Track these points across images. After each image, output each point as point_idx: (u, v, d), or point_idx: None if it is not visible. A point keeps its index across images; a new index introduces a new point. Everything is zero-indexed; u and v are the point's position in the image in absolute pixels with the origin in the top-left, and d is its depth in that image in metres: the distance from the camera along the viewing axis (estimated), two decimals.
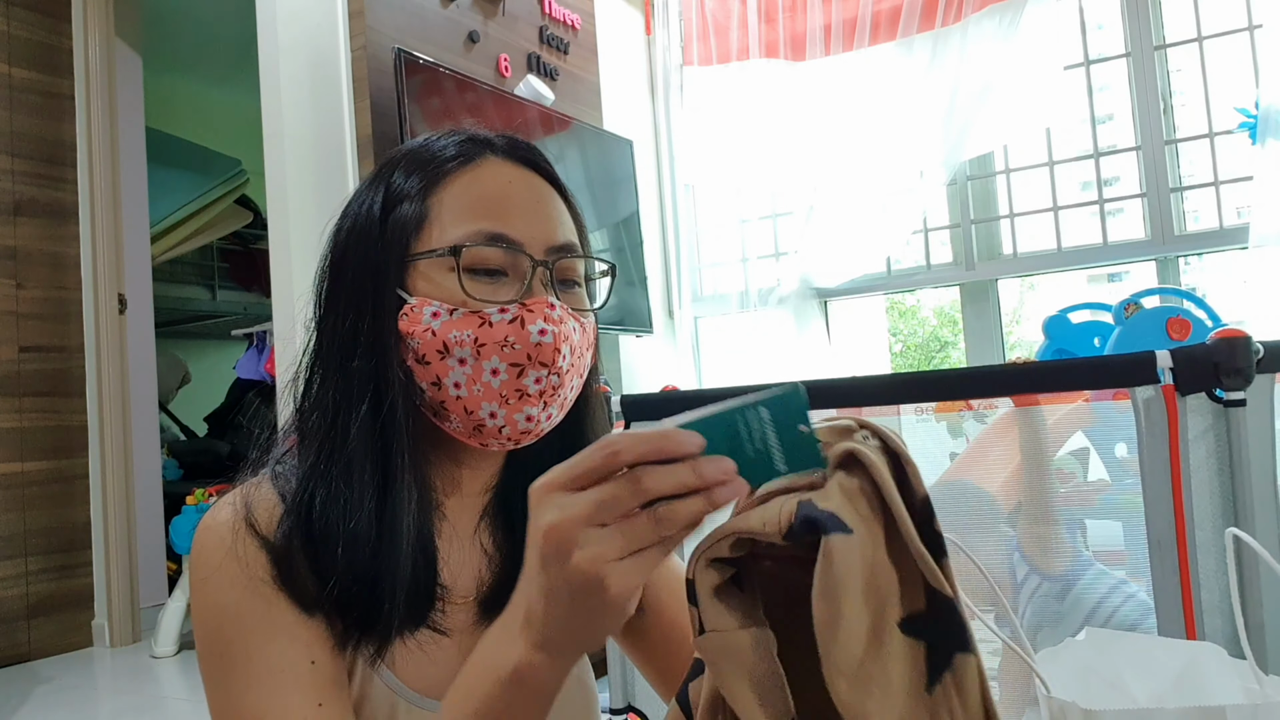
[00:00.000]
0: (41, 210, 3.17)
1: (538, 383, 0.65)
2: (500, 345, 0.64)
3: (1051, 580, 1.86)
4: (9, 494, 2.99)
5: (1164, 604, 1.44)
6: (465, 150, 0.70)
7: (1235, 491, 1.43)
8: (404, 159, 0.71)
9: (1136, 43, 3.12)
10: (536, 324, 0.64)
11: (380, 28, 2.58)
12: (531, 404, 0.66)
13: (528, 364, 0.64)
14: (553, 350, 0.65)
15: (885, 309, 5.25)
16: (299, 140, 2.51)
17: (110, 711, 2.55)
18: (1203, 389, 1.45)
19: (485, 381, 0.65)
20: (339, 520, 0.62)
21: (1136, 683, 0.67)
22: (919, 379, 2.02)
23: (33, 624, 3.00)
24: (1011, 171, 3.34)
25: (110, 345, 3.18)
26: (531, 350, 0.64)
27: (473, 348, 0.64)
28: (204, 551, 0.64)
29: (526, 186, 0.70)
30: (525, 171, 0.70)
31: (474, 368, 0.65)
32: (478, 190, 0.68)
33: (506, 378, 0.65)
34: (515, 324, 0.64)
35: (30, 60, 3.17)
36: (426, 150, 0.71)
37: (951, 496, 1.89)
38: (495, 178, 0.69)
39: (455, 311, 0.65)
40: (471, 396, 0.65)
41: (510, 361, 0.64)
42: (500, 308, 0.65)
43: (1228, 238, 2.97)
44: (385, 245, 0.67)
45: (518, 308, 0.65)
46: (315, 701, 0.60)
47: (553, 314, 0.65)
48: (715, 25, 3.68)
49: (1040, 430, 1.86)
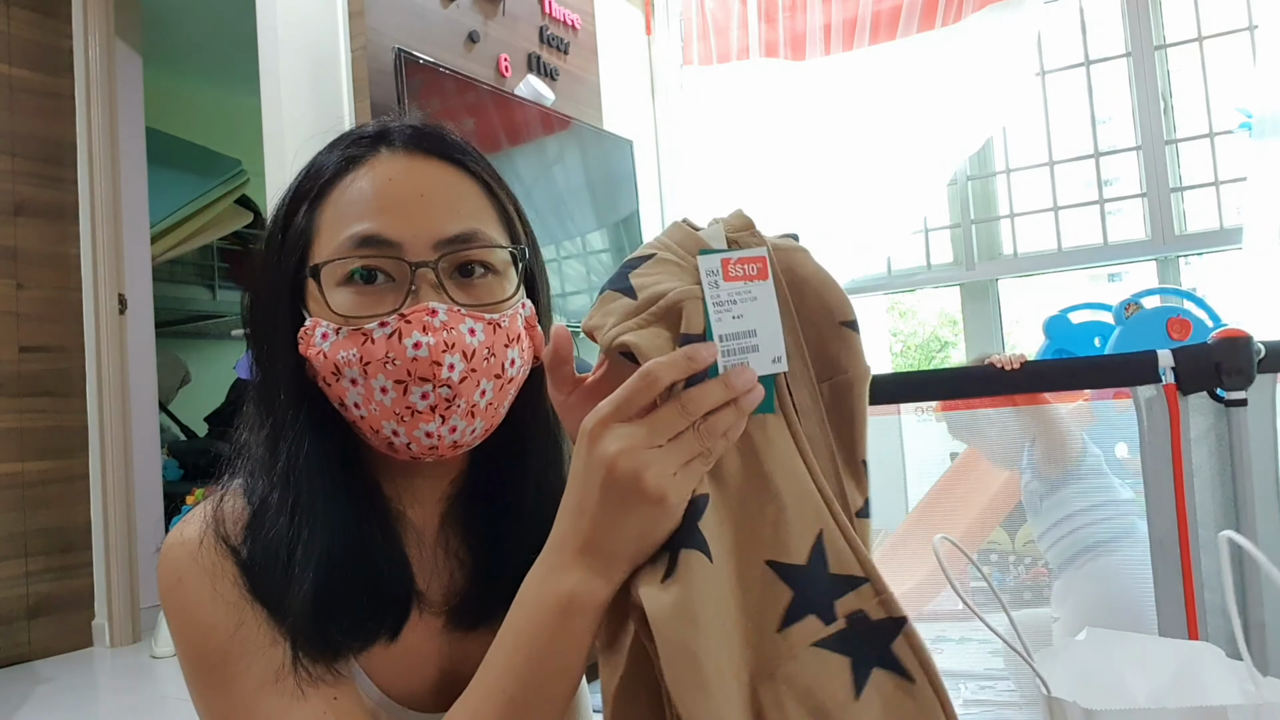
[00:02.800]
0: (42, 210, 3.17)
1: (424, 398, 0.61)
2: (383, 362, 0.61)
3: (1042, 481, 1.92)
4: (9, 494, 2.99)
5: (1166, 604, 1.43)
6: (354, 152, 0.66)
7: (1237, 491, 1.43)
8: (309, 166, 0.68)
9: (1136, 43, 3.12)
10: (412, 336, 0.60)
11: (380, 28, 2.58)
12: (426, 420, 0.62)
13: (409, 380, 0.61)
14: (430, 364, 0.60)
15: (885, 309, 5.25)
16: (299, 140, 2.50)
17: (110, 711, 2.55)
18: (1204, 389, 1.45)
19: (379, 401, 0.62)
20: (298, 536, 0.62)
21: (1136, 682, 0.67)
22: (919, 379, 2.02)
23: (33, 624, 3.00)
24: (1012, 171, 3.34)
25: (110, 345, 3.18)
26: (410, 365, 0.60)
27: (359, 367, 0.61)
28: (174, 570, 0.63)
29: (411, 177, 0.64)
30: (417, 160, 0.65)
31: (365, 387, 0.62)
32: (353, 194, 0.64)
33: (395, 395, 0.61)
34: (394, 338, 0.60)
35: (30, 60, 3.17)
36: (327, 153, 0.68)
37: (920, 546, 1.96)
38: (376, 176, 0.64)
39: (340, 330, 0.62)
40: (371, 416, 0.63)
41: (394, 379, 0.61)
42: (380, 321, 0.61)
43: (1227, 238, 2.97)
44: (280, 264, 0.65)
45: (396, 319, 0.61)
46: (333, 695, 0.61)
47: (433, 321, 0.61)
48: (715, 25, 3.68)
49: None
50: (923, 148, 3.24)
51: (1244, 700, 0.62)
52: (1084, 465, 1.89)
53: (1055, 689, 0.63)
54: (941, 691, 0.51)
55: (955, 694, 1.98)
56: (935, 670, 0.51)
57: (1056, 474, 1.89)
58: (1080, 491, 1.86)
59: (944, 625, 2.41)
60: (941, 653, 2.25)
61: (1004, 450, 2.01)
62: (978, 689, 1.99)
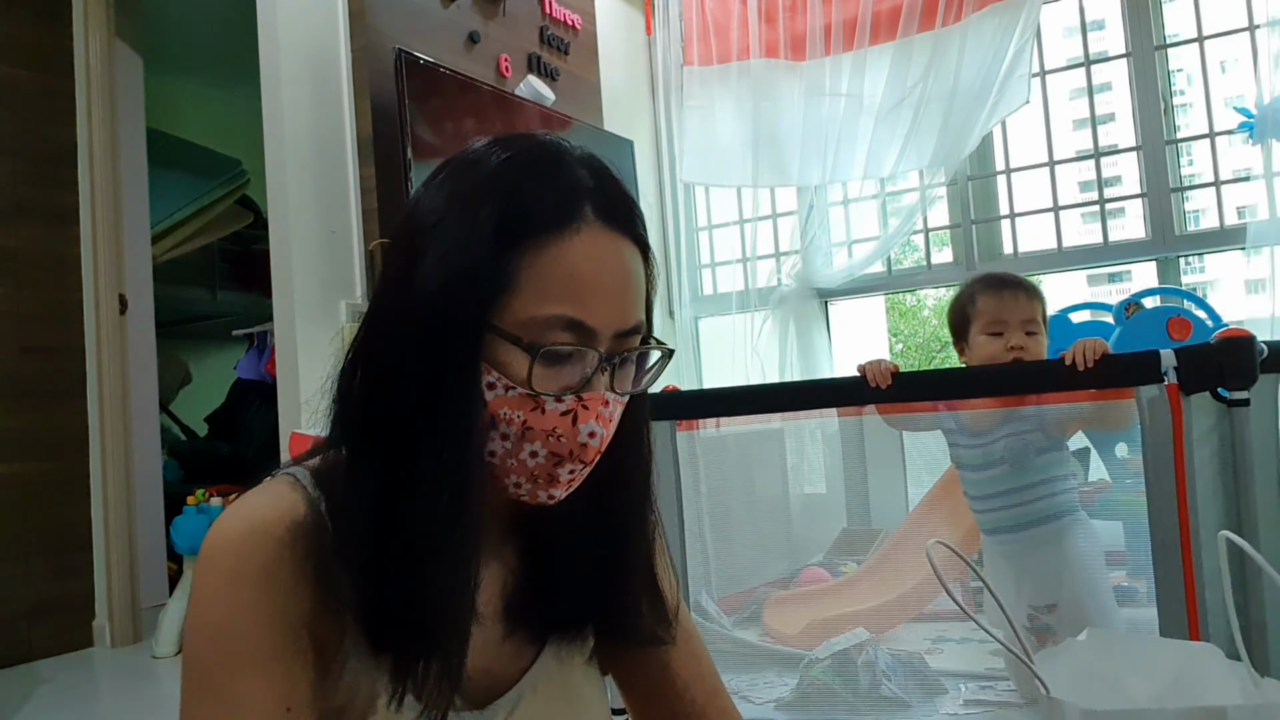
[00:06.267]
0: (42, 211, 3.16)
1: (570, 473, 0.65)
2: (547, 435, 0.64)
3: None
4: (9, 494, 2.99)
5: (1167, 604, 1.43)
6: (564, 211, 0.64)
7: (1239, 491, 1.43)
8: (498, 190, 0.64)
9: (1137, 43, 3.11)
10: (588, 424, 0.64)
11: (381, 28, 2.58)
12: (559, 488, 0.66)
13: (567, 459, 0.64)
14: (596, 451, 0.65)
15: (885, 309, 5.25)
16: (299, 140, 2.51)
17: (110, 712, 2.55)
18: (1207, 388, 1.45)
19: (521, 460, 0.64)
20: (412, 554, 0.61)
21: (1136, 683, 0.67)
22: (919, 379, 2.03)
23: (33, 624, 3.00)
24: (1012, 171, 3.34)
25: (111, 346, 3.18)
26: (575, 448, 0.64)
27: (519, 428, 0.63)
28: (227, 560, 0.61)
29: (618, 265, 0.65)
30: (618, 240, 0.66)
31: (515, 445, 0.64)
32: (568, 270, 0.63)
33: (544, 463, 0.64)
34: (567, 418, 0.64)
35: (30, 60, 3.16)
36: (520, 191, 0.64)
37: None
38: (590, 256, 0.63)
39: (512, 390, 0.63)
40: (504, 467, 0.65)
41: (552, 451, 0.64)
42: (557, 398, 0.63)
43: (1228, 238, 2.97)
44: (470, 302, 0.62)
45: (574, 401, 0.64)
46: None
47: (605, 412, 0.65)
48: (715, 25, 3.68)
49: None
50: (923, 147, 3.23)
51: (1244, 700, 0.62)
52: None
53: (1055, 689, 0.63)
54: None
55: (955, 694, 1.98)
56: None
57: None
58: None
59: (944, 625, 2.41)
60: (942, 653, 2.25)
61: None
62: (978, 689, 1.99)
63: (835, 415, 2.68)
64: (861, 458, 2.80)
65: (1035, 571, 1.83)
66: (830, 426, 2.88)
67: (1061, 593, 1.79)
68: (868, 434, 2.73)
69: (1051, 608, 1.80)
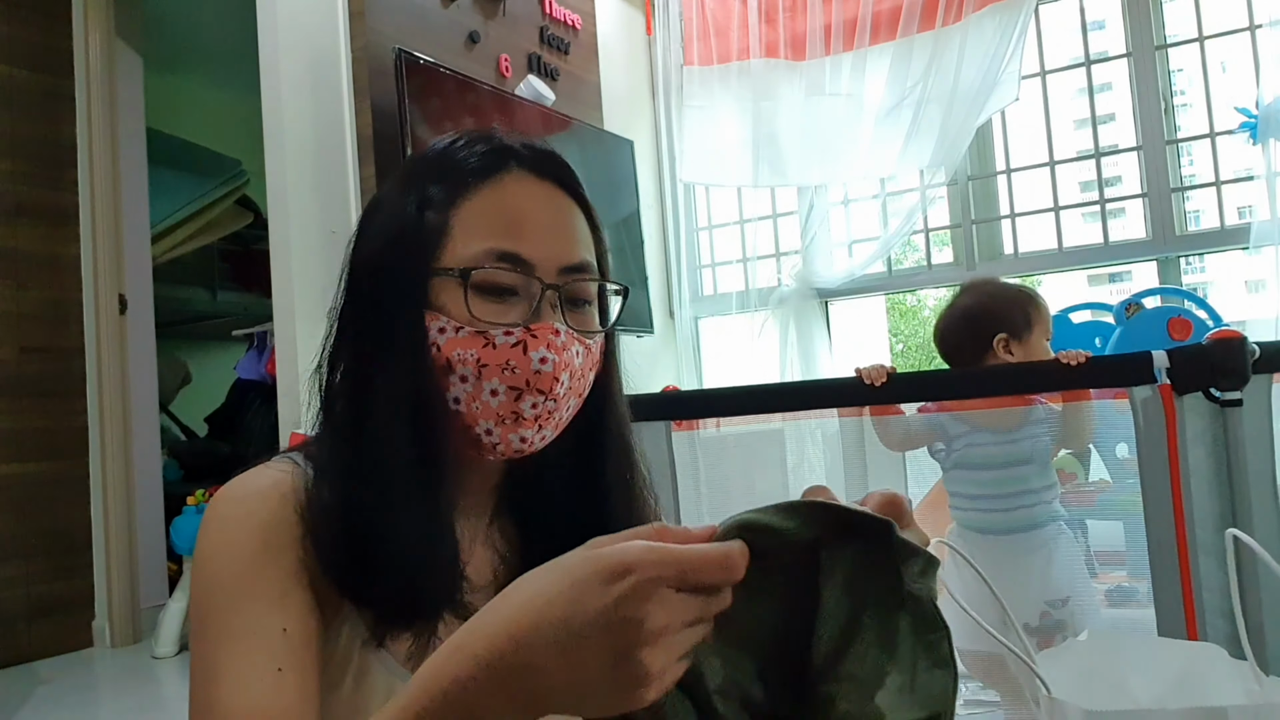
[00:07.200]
0: (42, 211, 3.17)
1: (534, 408, 0.67)
2: (501, 368, 0.66)
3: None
4: (9, 495, 2.99)
5: (1165, 605, 1.43)
6: (488, 162, 0.70)
7: (1234, 491, 1.43)
8: (430, 164, 0.71)
9: (1137, 42, 3.11)
10: (539, 351, 0.66)
11: (381, 28, 2.58)
12: (526, 427, 0.67)
13: (525, 390, 0.66)
14: (551, 379, 0.66)
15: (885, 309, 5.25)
16: (299, 141, 2.51)
17: (110, 712, 2.55)
18: (1199, 389, 1.45)
19: (484, 400, 0.66)
20: (380, 506, 0.64)
21: (1138, 683, 0.67)
22: (919, 379, 2.03)
23: (33, 625, 3.00)
24: (1012, 171, 3.34)
25: (111, 346, 3.18)
26: (531, 377, 0.66)
27: (475, 367, 0.66)
28: (232, 513, 0.64)
29: (547, 203, 0.70)
30: (548, 187, 0.71)
31: (475, 386, 0.66)
32: (496, 207, 0.68)
33: (505, 400, 0.66)
34: (518, 349, 0.66)
35: (30, 60, 3.17)
36: (450, 158, 0.71)
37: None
38: (516, 194, 0.69)
39: (461, 330, 0.66)
40: (470, 413, 0.67)
41: (509, 384, 0.66)
42: (505, 330, 0.66)
43: (1229, 238, 2.97)
44: (409, 256, 0.68)
45: (522, 332, 0.66)
46: (275, 666, 0.60)
47: (556, 340, 0.67)
48: (715, 25, 3.68)
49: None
50: (923, 147, 3.23)
51: (1247, 700, 0.62)
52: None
53: (1056, 689, 0.63)
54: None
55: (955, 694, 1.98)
56: None
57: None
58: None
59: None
60: None
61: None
62: (978, 689, 1.99)
63: (835, 415, 2.67)
64: (862, 458, 2.80)
65: (1039, 572, 1.84)
66: (830, 427, 2.88)
67: (1059, 593, 1.80)
68: (868, 434, 2.73)
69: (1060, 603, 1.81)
